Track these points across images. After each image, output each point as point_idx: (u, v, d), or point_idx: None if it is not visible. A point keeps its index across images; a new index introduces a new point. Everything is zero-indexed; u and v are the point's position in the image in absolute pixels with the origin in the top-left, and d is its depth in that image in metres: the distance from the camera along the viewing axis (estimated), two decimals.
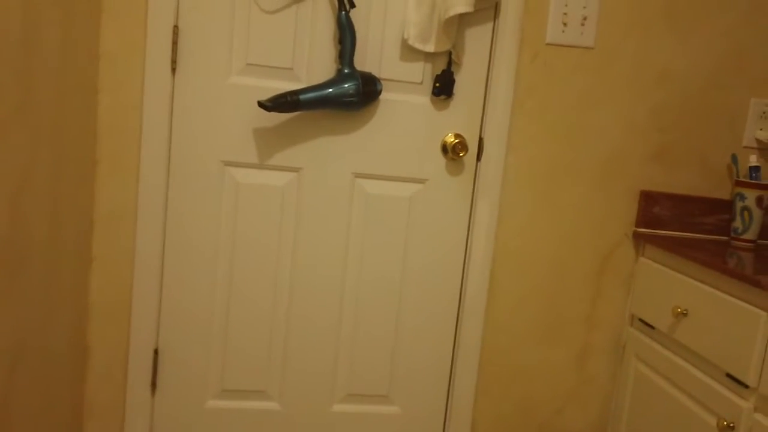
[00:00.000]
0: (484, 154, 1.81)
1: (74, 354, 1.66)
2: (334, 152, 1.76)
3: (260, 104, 1.61)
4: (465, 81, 1.78)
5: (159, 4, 1.62)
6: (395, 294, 1.85)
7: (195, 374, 1.81)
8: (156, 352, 1.78)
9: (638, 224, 1.88)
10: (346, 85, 1.66)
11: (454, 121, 1.80)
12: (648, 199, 1.87)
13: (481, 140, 1.81)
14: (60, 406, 1.59)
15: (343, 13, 1.65)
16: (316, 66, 1.72)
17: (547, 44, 1.78)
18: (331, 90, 1.66)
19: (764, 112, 1.89)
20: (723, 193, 1.92)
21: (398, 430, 1.92)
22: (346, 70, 1.67)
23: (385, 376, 1.89)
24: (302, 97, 1.63)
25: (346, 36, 1.66)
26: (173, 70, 1.66)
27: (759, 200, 1.81)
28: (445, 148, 1.80)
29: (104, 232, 1.70)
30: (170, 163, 1.70)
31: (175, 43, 1.65)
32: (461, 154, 1.77)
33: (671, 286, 1.70)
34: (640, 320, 1.86)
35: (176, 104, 1.68)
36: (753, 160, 1.85)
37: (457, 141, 1.78)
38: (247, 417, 1.85)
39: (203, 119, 1.70)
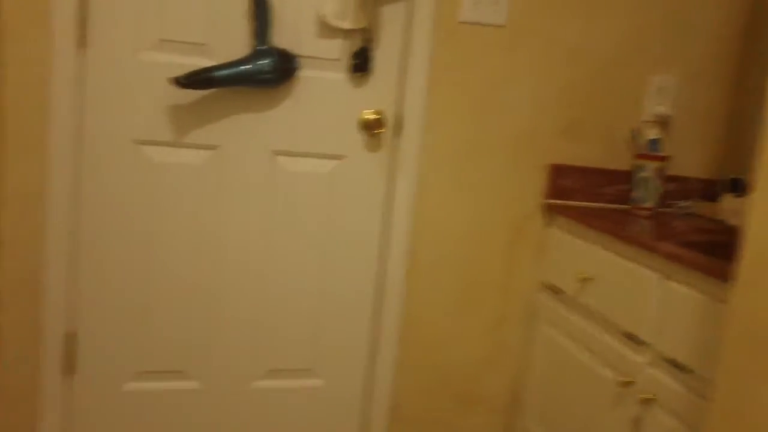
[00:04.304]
0: (402, 130, 1.85)
1: None
2: (251, 129, 1.76)
3: (174, 81, 1.59)
4: (382, 58, 1.81)
5: None
6: (316, 269, 1.88)
7: (112, 357, 1.78)
8: (73, 335, 1.74)
9: (548, 196, 1.98)
10: (261, 62, 1.66)
11: (371, 97, 1.82)
12: (556, 171, 1.96)
13: (398, 117, 1.85)
14: None
15: None
16: (232, 42, 1.71)
17: (461, 22, 1.83)
18: (246, 67, 1.65)
19: (662, 88, 2.00)
20: (624, 164, 2.03)
21: (321, 402, 1.96)
22: (262, 47, 1.67)
23: (308, 350, 1.92)
24: (217, 74, 1.62)
25: (260, 12, 1.65)
26: (83, 45, 1.62)
27: (658, 171, 1.93)
28: (363, 125, 1.83)
29: (14, 214, 1.65)
30: (82, 142, 1.66)
31: (84, 17, 1.60)
32: (378, 131, 1.81)
33: (577, 253, 1.80)
34: (550, 287, 1.96)
35: (88, 81, 1.64)
36: (653, 133, 1.97)
37: (374, 118, 1.81)
38: (166, 398, 1.84)
39: (115, 96, 1.66)
